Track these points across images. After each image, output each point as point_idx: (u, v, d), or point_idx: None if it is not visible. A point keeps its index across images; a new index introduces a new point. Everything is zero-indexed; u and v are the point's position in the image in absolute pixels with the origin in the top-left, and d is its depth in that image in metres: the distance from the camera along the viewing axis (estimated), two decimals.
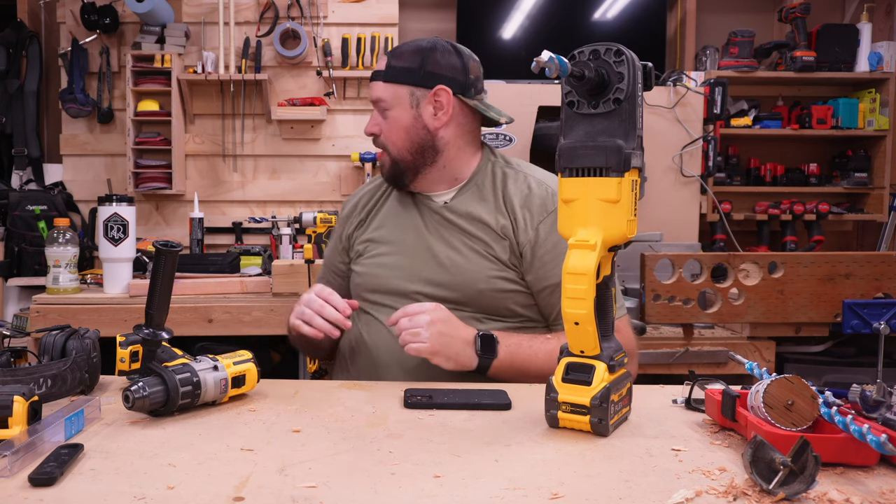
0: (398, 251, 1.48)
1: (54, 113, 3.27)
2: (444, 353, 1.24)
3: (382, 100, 1.43)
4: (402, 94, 1.42)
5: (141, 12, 2.95)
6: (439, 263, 1.42)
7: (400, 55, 1.44)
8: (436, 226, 1.46)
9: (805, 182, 3.48)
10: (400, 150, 1.44)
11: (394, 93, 1.42)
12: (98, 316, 2.33)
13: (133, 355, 1.19)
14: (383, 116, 1.44)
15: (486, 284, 1.38)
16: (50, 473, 0.76)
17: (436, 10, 3.52)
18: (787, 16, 3.35)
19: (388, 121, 1.44)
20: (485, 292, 1.38)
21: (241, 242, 3.15)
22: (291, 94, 3.20)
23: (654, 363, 2.37)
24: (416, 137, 1.44)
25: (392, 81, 1.43)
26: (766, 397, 0.86)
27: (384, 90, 1.43)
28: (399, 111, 1.43)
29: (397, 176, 1.47)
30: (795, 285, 2.34)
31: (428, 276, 1.42)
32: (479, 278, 1.39)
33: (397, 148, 1.44)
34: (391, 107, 1.43)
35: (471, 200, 1.45)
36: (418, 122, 1.43)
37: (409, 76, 1.42)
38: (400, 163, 1.45)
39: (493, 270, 1.39)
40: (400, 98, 1.42)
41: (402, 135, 1.44)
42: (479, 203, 1.44)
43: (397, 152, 1.45)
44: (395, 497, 0.74)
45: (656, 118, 2.94)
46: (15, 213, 2.91)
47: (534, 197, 1.41)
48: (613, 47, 0.92)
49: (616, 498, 0.73)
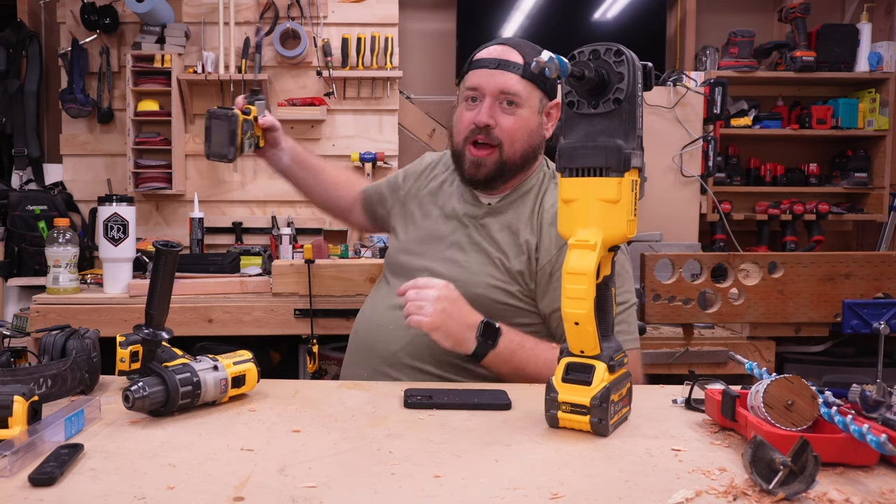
0: (425, 238, 1.47)
1: (54, 113, 3.27)
2: (443, 329, 1.22)
3: (517, 95, 1.34)
4: (535, 96, 1.36)
5: (141, 12, 2.95)
6: (449, 259, 1.42)
7: (532, 54, 1.35)
8: (468, 223, 1.44)
9: (805, 182, 3.48)
10: (516, 151, 1.37)
11: (530, 92, 1.35)
12: (98, 316, 2.33)
13: (133, 355, 1.19)
14: (507, 111, 1.35)
15: (483, 290, 1.36)
16: (50, 473, 0.76)
17: (436, 10, 3.52)
18: (787, 16, 3.35)
19: (514, 118, 1.35)
20: (481, 297, 1.36)
21: (241, 242, 3.15)
22: (291, 94, 3.20)
23: (654, 363, 2.37)
24: (534, 143, 1.38)
25: (530, 80, 1.35)
26: (766, 397, 0.86)
27: (521, 86, 1.34)
28: (529, 112, 1.36)
29: (496, 177, 1.39)
30: (795, 285, 2.34)
31: (436, 267, 1.42)
32: (478, 282, 1.37)
33: (514, 148, 1.36)
34: (523, 105, 1.35)
35: (510, 207, 1.42)
36: (539, 128, 1.39)
37: (543, 81, 1.36)
38: (508, 163, 1.37)
39: (496, 280, 1.37)
40: (533, 100, 1.36)
41: (524, 136, 1.36)
42: (515, 211, 1.41)
43: (513, 153, 1.37)
44: (395, 497, 0.74)
45: (656, 118, 2.94)
46: (15, 213, 2.91)
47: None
48: (613, 47, 0.92)
49: (616, 498, 0.73)
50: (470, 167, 1.39)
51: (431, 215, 1.51)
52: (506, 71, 1.34)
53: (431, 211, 1.52)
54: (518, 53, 1.35)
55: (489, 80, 1.35)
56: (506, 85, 1.33)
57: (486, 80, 1.35)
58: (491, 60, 1.35)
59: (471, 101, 1.38)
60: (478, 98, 1.36)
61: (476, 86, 1.36)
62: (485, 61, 1.36)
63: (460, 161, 1.41)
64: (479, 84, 1.36)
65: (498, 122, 1.35)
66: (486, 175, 1.38)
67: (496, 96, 1.34)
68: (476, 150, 1.37)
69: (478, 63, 1.37)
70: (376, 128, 3.23)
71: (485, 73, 1.35)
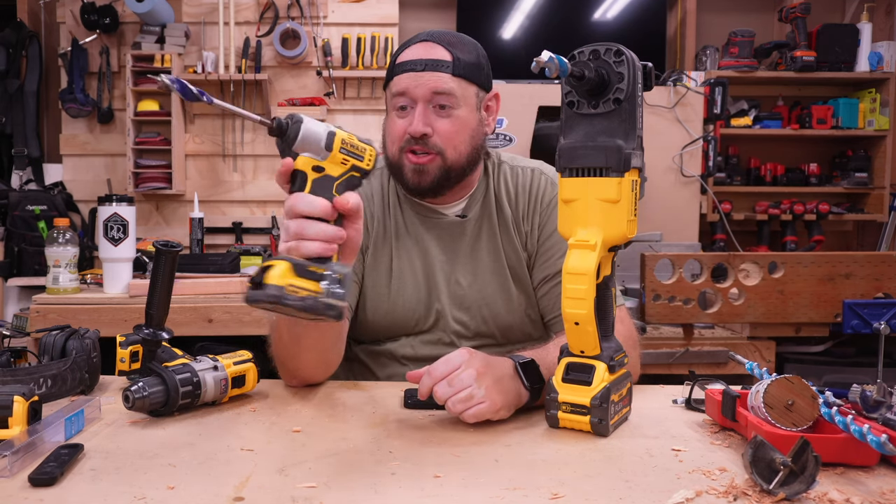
0: (415, 283, 1.32)
1: (54, 113, 3.27)
2: (506, 404, 0.98)
3: (451, 95, 1.22)
4: (471, 93, 1.25)
5: (141, 12, 2.95)
6: (460, 295, 1.32)
7: (460, 46, 1.25)
8: (457, 248, 1.33)
9: (805, 182, 3.48)
10: (460, 155, 1.25)
11: (464, 90, 1.24)
12: (98, 316, 2.32)
13: (133, 355, 1.19)
14: (443, 115, 1.23)
15: (508, 316, 1.31)
16: (50, 473, 0.76)
17: (436, 10, 3.52)
18: (787, 16, 3.35)
19: (451, 120, 1.23)
20: (513, 326, 1.32)
21: (241, 242, 3.15)
22: (291, 94, 3.20)
23: (654, 363, 2.37)
24: (476, 143, 1.28)
25: (461, 76, 1.23)
26: (766, 397, 0.86)
27: (454, 84, 1.22)
28: (466, 111, 1.25)
29: (442, 184, 1.26)
30: (795, 285, 2.34)
31: (453, 312, 1.32)
32: (500, 307, 1.31)
33: (458, 153, 1.25)
34: (459, 105, 1.23)
35: (484, 210, 1.34)
36: (480, 126, 1.28)
37: (477, 74, 1.25)
38: (453, 170, 1.25)
39: (516, 295, 1.32)
40: (468, 97, 1.25)
41: (466, 138, 1.25)
42: (495, 212, 1.34)
43: (456, 158, 1.25)
44: (395, 497, 0.74)
45: (656, 118, 2.94)
46: (15, 213, 2.91)
47: (535, 188, 1.34)
48: (613, 47, 0.92)
49: (616, 498, 0.73)
50: (412, 176, 1.25)
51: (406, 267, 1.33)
52: (435, 71, 1.21)
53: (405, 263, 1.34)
54: (444, 49, 1.23)
55: (418, 84, 1.22)
56: (437, 86, 1.21)
57: (415, 84, 1.22)
58: (417, 62, 1.23)
59: (401, 109, 1.25)
60: (408, 105, 1.24)
61: (404, 91, 1.23)
62: (410, 63, 1.23)
63: (399, 172, 1.27)
64: (408, 89, 1.23)
65: (435, 129, 1.23)
66: (432, 182, 1.25)
67: (428, 100, 1.22)
68: (415, 156, 1.25)
69: (403, 66, 1.24)
70: (376, 128, 3.22)
71: (412, 77, 1.22)
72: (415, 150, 1.24)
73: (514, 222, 1.34)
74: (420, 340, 1.32)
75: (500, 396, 0.97)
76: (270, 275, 0.79)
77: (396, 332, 1.33)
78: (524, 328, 1.34)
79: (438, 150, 1.24)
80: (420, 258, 1.33)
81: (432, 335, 1.32)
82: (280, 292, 0.78)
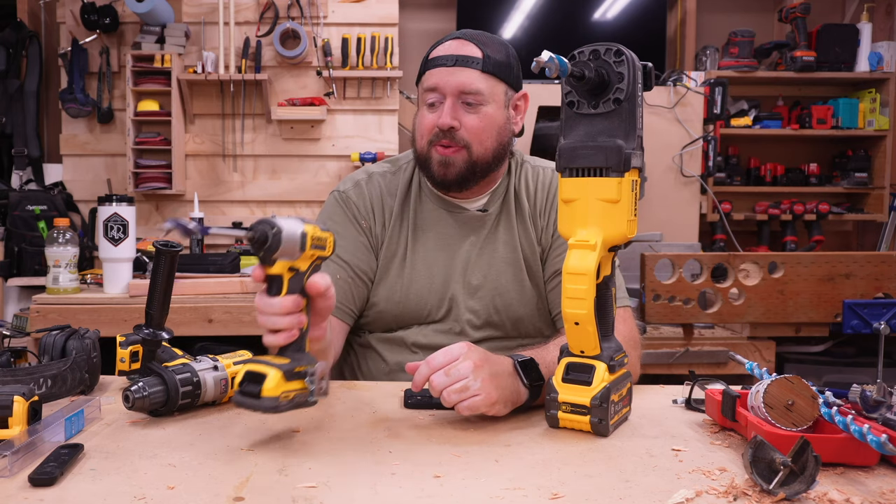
0: (429, 274, 1.34)
1: (54, 113, 3.27)
2: (501, 398, 0.98)
3: (480, 92, 1.26)
4: (499, 91, 1.29)
5: (141, 12, 2.95)
6: (474, 284, 1.35)
7: (491, 45, 1.28)
8: (475, 240, 1.36)
9: (805, 182, 3.48)
10: (486, 150, 1.29)
11: (493, 87, 1.27)
12: (98, 316, 2.32)
13: (133, 355, 1.19)
14: (471, 110, 1.27)
15: (520, 308, 1.34)
16: (50, 473, 0.76)
17: (436, 10, 3.52)
18: (787, 16, 3.35)
19: (479, 116, 1.27)
20: (524, 318, 1.34)
21: (241, 242, 3.15)
22: (291, 94, 3.20)
23: (654, 363, 2.37)
24: (503, 140, 1.31)
25: (491, 73, 1.27)
26: (766, 397, 0.86)
27: (482, 82, 1.26)
28: (495, 108, 1.29)
29: (468, 177, 1.30)
30: (795, 285, 2.34)
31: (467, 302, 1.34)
32: (513, 297, 1.34)
33: (484, 148, 1.29)
34: (487, 102, 1.27)
35: (504, 205, 1.37)
36: (507, 124, 1.32)
37: (506, 73, 1.29)
38: (479, 164, 1.29)
39: (529, 287, 1.35)
40: (497, 95, 1.28)
41: (493, 134, 1.29)
42: (513, 206, 1.37)
43: (482, 153, 1.29)
44: (395, 497, 0.74)
45: (656, 118, 2.94)
46: (15, 213, 2.91)
47: (553, 185, 1.37)
48: (613, 47, 0.92)
49: (616, 498, 0.73)
50: (438, 168, 1.30)
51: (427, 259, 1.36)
52: (465, 67, 1.26)
53: (426, 255, 1.36)
54: (476, 46, 1.27)
55: (448, 79, 1.26)
56: (466, 82, 1.25)
57: (445, 79, 1.27)
58: (448, 57, 1.27)
59: (431, 106, 1.30)
60: (438, 101, 1.29)
61: (435, 86, 1.28)
62: (442, 59, 1.28)
63: (427, 164, 1.31)
64: (438, 84, 1.27)
65: (462, 123, 1.27)
66: (457, 175, 1.29)
67: (457, 95, 1.26)
68: (443, 148, 1.29)
69: (434, 61, 1.29)
70: (376, 128, 3.23)
71: (443, 72, 1.27)
72: (443, 143, 1.29)
73: (531, 216, 1.37)
74: (432, 329, 1.35)
75: (495, 391, 0.97)
76: (266, 388, 0.85)
77: (408, 321, 1.36)
78: (535, 322, 1.36)
79: (465, 144, 1.28)
80: (437, 249, 1.36)
81: (444, 324, 1.35)
82: (276, 403, 0.85)
